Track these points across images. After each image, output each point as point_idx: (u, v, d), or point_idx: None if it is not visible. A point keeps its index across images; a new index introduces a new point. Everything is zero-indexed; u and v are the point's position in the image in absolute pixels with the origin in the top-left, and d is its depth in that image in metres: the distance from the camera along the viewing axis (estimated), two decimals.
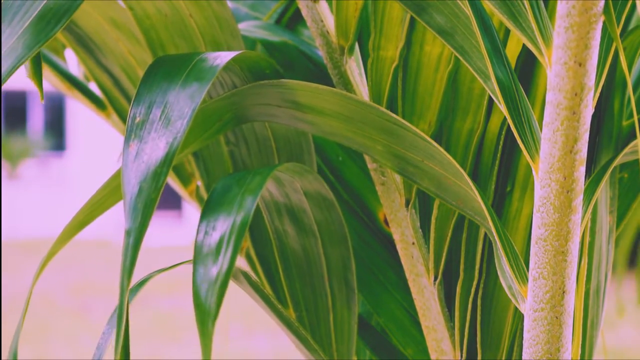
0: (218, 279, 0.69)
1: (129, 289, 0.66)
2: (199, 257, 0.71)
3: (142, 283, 0.79)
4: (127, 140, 0.70)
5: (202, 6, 0.94)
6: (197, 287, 0.69)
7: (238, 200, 0.75)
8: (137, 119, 0.72)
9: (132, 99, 0.73)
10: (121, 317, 0.65)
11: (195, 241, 0.72)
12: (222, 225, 0.73)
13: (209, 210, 0.75)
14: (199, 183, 1.13)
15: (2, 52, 0.71)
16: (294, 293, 1.02)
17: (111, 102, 1.21)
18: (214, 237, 0.72)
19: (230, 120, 0.87)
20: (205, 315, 0.67)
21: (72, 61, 1.26)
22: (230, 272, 0.69)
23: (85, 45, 1.07)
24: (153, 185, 0.67)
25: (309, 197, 0.94)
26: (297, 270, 1.01)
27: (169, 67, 0.76)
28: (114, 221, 12.23)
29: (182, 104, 0.72)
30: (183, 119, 0.71)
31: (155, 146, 0.69)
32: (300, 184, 0.92)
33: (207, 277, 0.69)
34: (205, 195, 1.09)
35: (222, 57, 0.78)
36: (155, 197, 0.67)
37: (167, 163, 0.68)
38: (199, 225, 0.74)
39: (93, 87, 1.24)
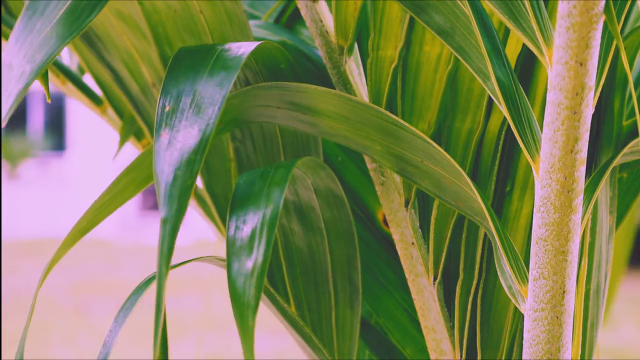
0: (254, 272, 0.68)
1: (165, 284, 0.65)
2: (232, 251, 0.71)
3: (148, 281, 0.79)
4: (158, 129, 0.70)
5: (214, 3, 0.94)
6: (233, 281, 0.68)
7: (265, 193, 0.75)
8: (167, 108, 0.71)
9: (160, 90, 0.73)
10: (159, 310, 0.64)
11: (227, 236, 0.72)
12: (253, 219, 0.72)
13: (236, 205, 0.75)
14: (199, 182, 1.12)
15: (37, 43, 0.70)
16: (297, 291, 1.02)
17: (109, 97, 1.20)
18: (246, 231, 0.72)
19: (230, 122, 0.87)
20: (245, 309, 0.66)
21: (64, 53, 1.25)
22: (266, 264, 0.69)
23: (87, 38, 1.06)
24: (188, 173, 0.67)
25: (319, 194, 0.94)
26: (301, 269, 1.00)
27: (194, 58, 0.77)
28: (114, 221, 12.23)
29: (212, 91, 0.72)
30: (214, 105, 0.71)
31: (188, 134, 0.69)
32: (311, 180, 0.92)
33: (242, 270, 0.69)
34: (204, 193, 1.08)
35: (245, 47, 0.78)
36: (191, 185, 0.66)
37: (201, 150, 0.68)
38: (228, 221, 0.74)
39: (87, 80, 1.23)
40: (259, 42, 0.82)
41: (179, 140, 0.69)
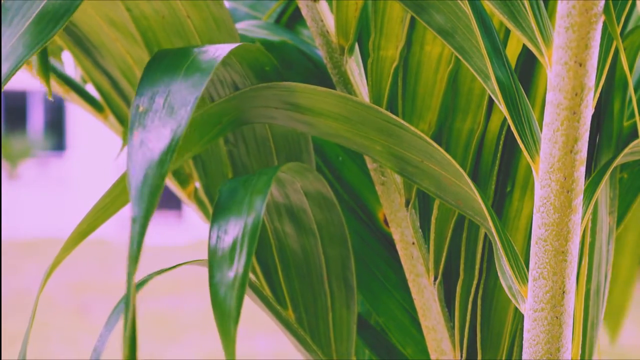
0: (236, 282, 0.69)
1: (134, 281, 0.66)
2: (214, 261, 0.71)
3: (143, 283, 0.79)
4: (131, 129, 0.70)
5: (200, 7, 0.94)
6: (215, 291, 0.69)
7: (247, 202, 0.75)
8: (141, 108, 0.72)
9: (135, 91, 0.74)
10: (128, 308, 0.65)
11: (209, 245, 0.72)
12: (234, 228, 0.73)
13: (218, 213, 0.75)
14: (197, 185, 1.13)
15: (3, 53, 0.71)
16: (293, 293, 1.02)
17: (109, 103, 1.20)
18: (227, 240, 0.72)
19: (229, 124, 0.87)
20: (227, 319, 0.67)
21: (69, 63, 1.26)
22: (247, 274, 0.69)
23: (83, 46, 1.06)
24: (158, 173, 0.67)
25: (309, 197, 0.94)
26: (296, 271, 1.01)
27: (170, 60, 0.77)
28: (114, 221, 12.22)
29: (185, 92, 0.73)
30: (186, 106, 0.71)
31: (160, 134, 0.70)
32: (300, 183, 0.92)
33: (224, 280, 0.69)
34: (203, 197, 1.08)
35: (223, 49, 0.79)
36: (160, 184, 0.67)
37: (172, 150, 0.69)
38: (210, 230, 0.74)
39: (90, 89, 1.24)
40: (237, 44, 0.82)
41: (151, 140, 0.69)
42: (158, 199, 0.66)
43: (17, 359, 0.78)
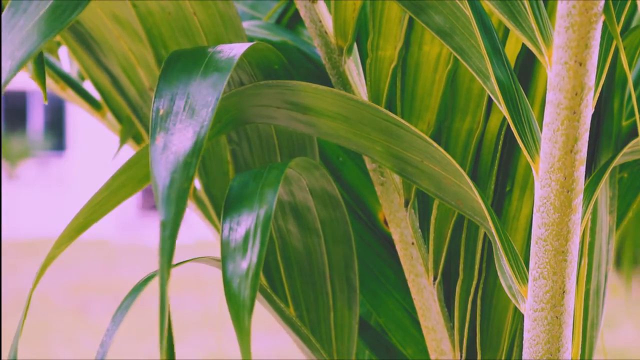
0: (249, 272, 0.69)
1: (167, 288, 0.66)
2: (226, 253, 0.71)
3: (145, 281, 0.79)
4: (153, 133, 0.70)
5: (207, 5, 0.94)
6: (228, 282, 0.69)
7: (258, 194, 0.75)
8: (161, 111, 0.71)
9: (154, 94, 0.73)
10: (163, 313, 0.64)
11: (221, 238, 0.73)
12: (247, 220, 0.73)
13: (230, 206, 0.75)
14: (197, 183, 1.12)
15: (18, 40, 0.70)
16: (295, 292, 1.02)
17: (108, 101, 1.20)
18: (240, 232, 0.72)
19: (229, 122, 0.87)
20: (241, 309, 0.67)
21: (65, 60, 1.25)
22: (260, 264, 0.69)
23: (85, 43, 1.06)
24: (184, 176, 0.67)
25: (315, 195, 0.94)
26: (298, 269, 1.00)
27: (186, 61, 0.77)
28: (114, 221, 12.22)
29: (205, 92, 0.73)
30: (208, 107, 0.71)
31: (183, 136, 0.69)
32: (306, 181, 0.92)
33: (237, 271, 0.69)
34: (203, 196, 1.08)
35: (237, 49, 0.79)
36: (188, 187, 0.66)
37: (197, 152, 0.68)
38: (222, 223, 0.74)
39: (87, 86, 1.24)
40: (251, 43, 0.82)
41: (174, 143, 0.69)
42: (186, 202, 0.66)
43: (8, 359, 0.78)
